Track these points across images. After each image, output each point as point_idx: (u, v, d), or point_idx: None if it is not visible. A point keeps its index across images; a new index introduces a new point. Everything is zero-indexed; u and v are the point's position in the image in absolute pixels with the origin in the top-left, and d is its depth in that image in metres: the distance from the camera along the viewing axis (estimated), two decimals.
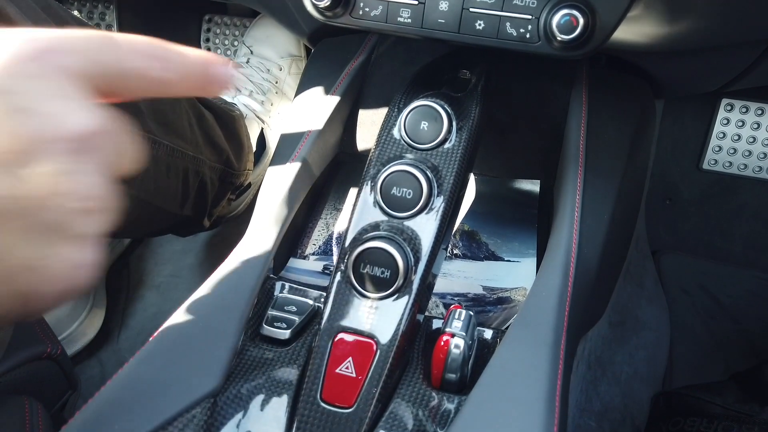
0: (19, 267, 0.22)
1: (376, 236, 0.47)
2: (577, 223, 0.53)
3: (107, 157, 0.24)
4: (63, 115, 0.22)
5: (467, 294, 0.59)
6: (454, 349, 0.44)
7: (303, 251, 0.63)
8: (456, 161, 0.50)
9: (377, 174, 0.49)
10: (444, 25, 0.54)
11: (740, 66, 0.68)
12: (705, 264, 1.11)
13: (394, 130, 0.52)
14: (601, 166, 0.58)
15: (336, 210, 0.67)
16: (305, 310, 0.51)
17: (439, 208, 0.48)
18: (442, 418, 0.43)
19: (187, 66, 0.28)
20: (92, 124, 0.23)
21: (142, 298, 1.13)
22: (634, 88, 0.69)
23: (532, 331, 0.45)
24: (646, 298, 1.00)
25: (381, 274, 0.45)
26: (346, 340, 0.45)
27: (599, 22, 0.51)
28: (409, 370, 0.46)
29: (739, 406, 0.81)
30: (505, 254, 0.63)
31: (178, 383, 0.42)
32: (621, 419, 0.85)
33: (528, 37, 0.53)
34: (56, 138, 0.22)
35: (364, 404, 0.42)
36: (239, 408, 0.43)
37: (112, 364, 1.07)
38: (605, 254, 0.56)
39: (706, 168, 1.11)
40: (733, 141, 1.08)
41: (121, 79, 0.26)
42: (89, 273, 0.24)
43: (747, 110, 1.06)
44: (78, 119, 0.23)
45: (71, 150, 0.22)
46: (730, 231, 1.12)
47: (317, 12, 0.57)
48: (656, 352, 0.96)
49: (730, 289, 1.08)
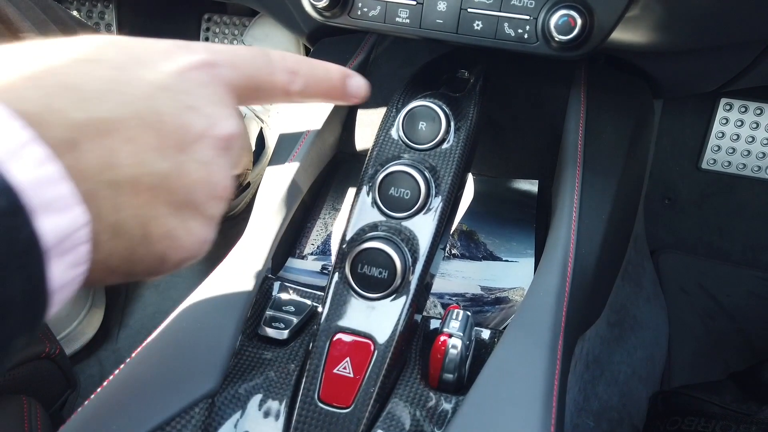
0: (162, 234, 0.26)
1: (374, 237, 0.47)
2: (575, 223, 0.53)
3: (236, 157, 0.29)
4: (219, 118, 0.27)
5: (465, 294, 0.60)
6: (451, 350, 0.44)
7: (301, 251, 0.64)
8: (454, 161, 0.50)
9: (375, 174, 0.49)
10: (442, 26, 0.54)
11: (739, 66, 0.69)
12: (704, 263, 1.12)
13: (393, 131, 0.52)
14: (600, 166, 0.58)
15: (334, 210, 0.67)
16: (303, 310, 0.51)
17: (437, 209, 0.48)
18: (439, 418, 0.43)
19: (330, 81, 0.34)
20: (236, 128, 0.28)
21: (141, 297, 1.13)
22: (633, 88, 0.69)
23: (529, 331, 0.45)
24: (644, 298, 1.00)
25: (379, 275, 0.45)
26: (344, 340, 0.45)
27: (597, 22, 0.51)
28: (406, 370, 0.46)
29: (737, 406, 0.81)
30: (503, 254, 0.63)
31: (177, 383, 0.42)
32: (619, 419, 0.85)
33: (526, 37, 0.53)
34: (212, 135, 0.27)
35: (361, 404, 0.43)
36: (237, 408, 0.43)
37: (111, 364, 1.07)
38: (603, 254, 0.56)
39: (705, 167, 1.11)
40: (731, 140, 1.08)
41: (265, 92, 0.31)
42: (207, 247, 0.29)
43: (746, 110, 1.06)
44: (229, 123, 0.28)
45: (219, 147, 0.27)
46: (729, 230, 1.13)
47: (315, 12, 0.57)
48: (655, 352, 0.96)
49: (729, 289, 1.09)
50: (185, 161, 0.26)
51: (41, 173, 0.21)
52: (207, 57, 0.28)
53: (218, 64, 0.28)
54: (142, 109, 0.25)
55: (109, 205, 0.24)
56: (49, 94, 0.22)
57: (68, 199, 0.22)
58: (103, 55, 0.25)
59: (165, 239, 0.26)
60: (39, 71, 0.23)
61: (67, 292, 0.23)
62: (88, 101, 0.23)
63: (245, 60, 0.30)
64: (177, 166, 0.26)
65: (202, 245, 0.28)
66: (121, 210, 0.24)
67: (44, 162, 0.21)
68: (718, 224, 1.13)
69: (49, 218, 0.21)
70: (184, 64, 0.27)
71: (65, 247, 0.22)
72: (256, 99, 0.31)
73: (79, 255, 0.23)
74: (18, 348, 0.22)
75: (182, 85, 0.26)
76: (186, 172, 0.26)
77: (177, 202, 0.26)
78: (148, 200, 0.25)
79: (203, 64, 0.28)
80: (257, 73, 0.30)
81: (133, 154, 0.24)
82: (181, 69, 0.27)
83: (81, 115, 0.23)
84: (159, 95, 0.25)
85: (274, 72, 0.31)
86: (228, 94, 0.29)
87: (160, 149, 0.25)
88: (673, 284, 1.08)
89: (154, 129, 0.25)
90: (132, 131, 0.24)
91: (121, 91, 0.24)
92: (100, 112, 0.23)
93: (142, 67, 0.26)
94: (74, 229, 0.22)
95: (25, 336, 0.22)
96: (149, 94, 0.25)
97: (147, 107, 0.25)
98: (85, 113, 0.23)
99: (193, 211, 0.27)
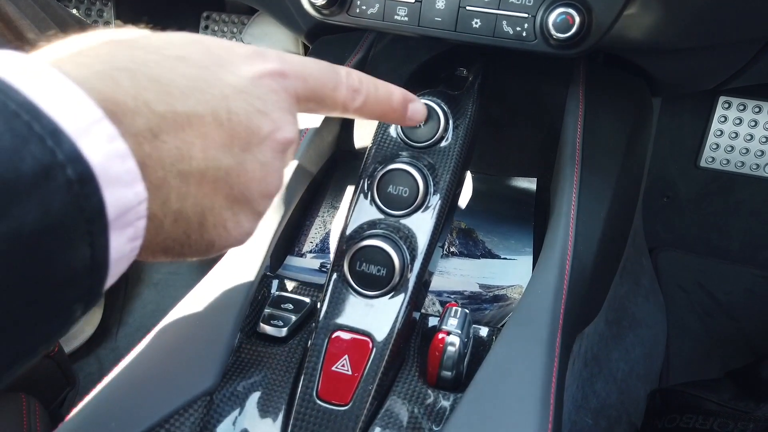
0: (216, 224, 0.28)
1: (373, 234, 0.47)
2: (573, 220, 0.53)
3: (289, 160, 0.32)
4: (283, 123, 0.29)
5: (464, 292, 0.60)
6: (449, 347, 0.44)
7: (300, 249, 0.64)
8: (452, 159, 0.50)
9: (373, 172, 0.49)
10: (441, 24, 0.54)
11: (737, 64, 0.69)
12: (702, 261, 1.12)
13: (391, 129, 0.52)
14: (598, 164, 0.58)
15: (333, 208, 0.67)
16: (302, 307, 0.51)
17: (435, 206, 0.48)
18: (437, 415, 0.43)
19: (391, 103, 0.37)
20: (295, 135, 0.31)
21: (140, 295, 1.13)
22: (632, 86, 0.69)
23: (527, 328, 0.45)
24: (642, 296, 1.00)
25: (377, 273, 0.45)
26: (343, 338, 0.45)
27: (595, 20, 0.51)
28: (405, 368, 0.47)
29: (735, 403, 0.81)
30: (501, 252, 0.63)
31: (175, 381, 0.42)
32: (617, 416, 0.85)
33: (524, 35, 0.53)
34: (274, 139, 0.29)
35: (359, 402, 0.43)
36: (236, 405, 0.43)
37: (111, 362, 1.07)
38: (601, 252, 0.56)
39: (704, 166, 1.11)
40: (730, 138, 1.08)
41: (326, 105, 0.33)
42: (249, 238, 0.31)
43: (744, 108, 1.06)
44: (290, 129, 0.30)
45: (278, 150, 0.30)
46: (727, 228, 1.13)
47: (314, 10, 0.57)
48: (653, 350, 0.96)
49: (727, 287, 1.09)
50: (247, 160, 0.28)
51: (112, 148, 0.22)
52: (280, 66, 0.30)
53: (289, 74, 0.30)
54: (218, 107, 0.26)
55: (176, 194, 0.26)
56: (139, 86, 0.24)
57: (134, 174, 0.23)
58: (189, 54, 0.27)
59: (217, 228, 0.28)
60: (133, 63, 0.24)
61: (123, 265, 0.25)
62: (172, 96, 0.25)
63: (313, 73, 0.32)
64: (240, 163, 0.28)
65: (247, 236, 0.31)
66: (185, 199, 0.26)
67: (114, 138, 0.22)
68: (716, 222, 1.13)
69: (116, 190, 0.22)
70: (260, 71, 0.29)
71: (127, 220, 0.23)
72: (317, 110, 0.34)
73: (138, 229, 0.24)
74: (77, 316, 0.23)
75: (256, 89, 0.28)
76: (246, 169, 0.28)
77: (233, 196, 0.28)
78: (209, 192, 0.27)
79: (276, 72, 0.30)
80: (322, 87, 0.32)
81: (204, 149, 0.26)
82: (256, 74, 0.29)
83: (164, 108, 0.25)
84: (235, 97, 0.27)
85: (338, 88, 0.33)
86: (293, 103, 0.31)
87: (227, 146, 0.27)
88: (671, 282, 1.08)
89: (226, 127, 0.27)
90: (206, 127, 0.26)
91: (201, 89, 0.26)
92: (182, 106, 0.25)
93: (222, 68, 0.28)
94: (136, 203, 0.23)
95: (84, 305, 0.23)
96: (226, 95, 0.27)
97: (223, 107, 0.27)
98: (168, 106, 0.25)
99: (245, 206, 0.29)
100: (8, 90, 0.20)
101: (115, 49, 0.25)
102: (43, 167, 0.19)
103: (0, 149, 0.19)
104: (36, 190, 0.19)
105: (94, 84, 0.23)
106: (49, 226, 0.20)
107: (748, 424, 0.76)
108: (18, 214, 0.19)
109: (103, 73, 0.23)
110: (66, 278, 0.21)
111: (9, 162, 0.19)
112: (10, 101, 0.20)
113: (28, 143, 0.19)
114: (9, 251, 0.19)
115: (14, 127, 0.19)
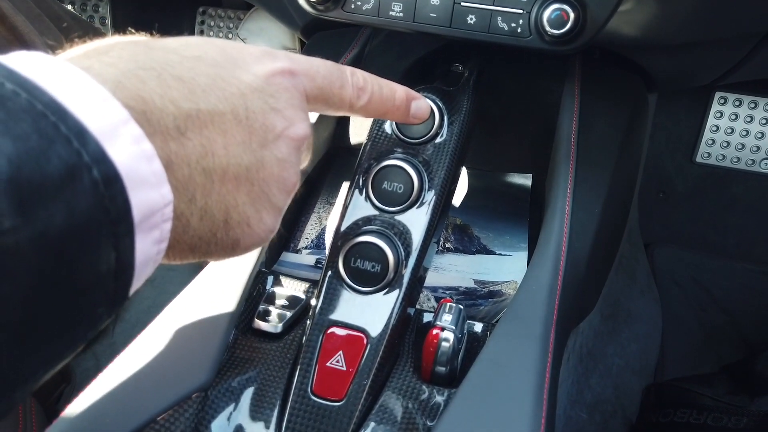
0: (240, 221, 0.29)
1: (367, 231, 0.47)
2: (568, 216, 0.54)
3: (304, 156, 0.32)
4: (296, 120, 0.30)
5: (459, 287, 0.60)
6: (443, 343, 0.44)
7: (296, 245, 0.64)
8: (447, 155, 0.50)
9: (368, 169, 0.49)
10: (436, 20, 0.54)
11: (733, 59, 0.69)
12: (698, 257, 1.12)
13: (386, 125, 0.52)
14: (593, 161, 0.59)
15: (329, 204, 0.67)
16: (297, 304, 0.51)
17: (430, 202, 0.48)
18: (431, 410, 0.43)
19: (394, 101, 0.38)
20: (308, 131, 0.31)
21: (137, 291, 1.13)
22: (627, 82, 0.69)
23: (521, 324, 0.45)
24: (638, 291, 1.00)
25: (371, 269, 0.46)
26: (337, 333, 0.45)
27: (590, 16, 0.51)
28: (399, 364, 0.47)
29: (730, 398, 0.82)
30: (496, 248, 0.63)
31: (170, 376, 0.42)
32: (612, 411, 0.85)
33: (519, 31, 0.53)
34: (289, 135, 0.30)
35: (354, 397, 0.43)
36: (230, 401, 0.43)
37: (107, 357, 1.06)
38: (596, 247, 0.56)
39: (700, 161, 1.11)
40: (726, 134, 1.09)
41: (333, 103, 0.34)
42: (272, 236, 0.31)
43: (740, 103, 1.07)
44: (303, 125, 0.31)
45: (293, 146, 0.30)
46: (723, 224, 1.13)
47: (309, 6, 0.57)
48: (648, 345, 0.96)
49: (723, 282, 1.09)
50: (265, 156, 0.29)
51: (138, 149, 0.22)
52: (289, 65, 0.30)
53: (298, 73, 0.31)
54: (237, 105, 0.27)
55: (201, 191, 0.26)
56: (165, 84, 0.25)
57: (160, 176, 0.23)
58: (206, 53, 0.28)
59: (241, 225, 0.29)
60: (156, 63, 0.25)
61: (149, 269, 0.25)
62: (195, 94, 0.26)
63: (320, 72, 0.32)
64: (258, 159, 0.28)
65: (270, 233, 0.31)
66: (209, 195, 0.27)
67: (141, 139, 0.22)
68: (712, 218, 1.13)
69: (142, 192, 0.22)
70: (272, 69, 0.29)
71: (153, 222, 0.23)
72: (324, 108, 0.34)
73: (164, 232, 0.24)
74: (102, 321, 0.23)
75: (269, 87, 0.29)
76: (264, 165, 0.29)
77: (254, 193, 0.29)
78: (232, 189, 0.28)
79: (286, 71, 0.30)
80: (329, 86, 0.33)
81: (225, 146, 0.27)
82: (269, 73, 0.29)
83: (190, 105, 0.25)
84: (251, 95, 0.28)
85: (344, 87, 0.34)
86: (303, 100, 0.31)
87: (246, 143, 0.28)
88: (666, 277, 1.08)
89: (245, 124, 0.27)
90: (227, 124, 0.27)
91: (221, 87, 0.27)
92: (205, 104, 0.26)
93: (238, 67, 0.28)
94: (162, 205, 0.23)
95: (109, 309, 0.23)
96: (243, 93, 0.28)
97: (241, 104, 0.27)
98: (193, 104, 0.25)
99: (266, 202, 0.30)
100: (35, 90, 0.20)
101: (136, 49, 0.25)
102: (68, 168, 0.19)
103: (28, 150, 0.18)
104: (62, 193, 0.19)
105: (123, 83, 0.23)
106: (74, 229, 0.19)
107: (742, 418, 0.77)
108: (44, 217, 0.18)
109: (129, 72, 0.24)
110: (91, 282, 0.21)
111: (36, 164, 0.18)
112: (37, 102, 0.19)
113: (55, 144, 0.19)
114: (36, 255, 0.18)
115: (41, 127, 0.19)
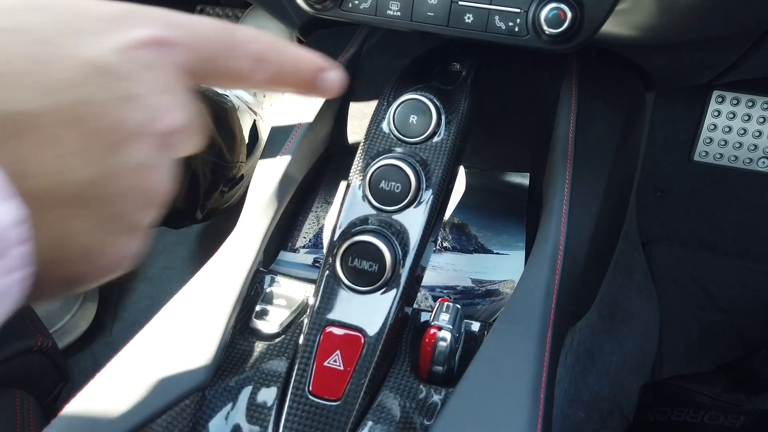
0: (80, 254, 0.21)
1: (365, 230, 0.47)
2: (566, 215, 0.54)
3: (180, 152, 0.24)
4: (165, 110, 0.22)
5: (456, 287, 0.60)
6: (440, 342, 0.44)
7: (293, 244, 0.64)
8: (445, 155, 0.50)
9: (366, 168, 0.49)
10: (433, 19, 0.54)
11: (731, 58, 0.69)
12: (695, 255, 1.12)
13: (383, 124, 0.52)
14: (590, 159, 0.59)
15: (327, 203, 0.67)
16: (294, 303, 0.51)
17: (428, 202, 0.48)
18: (429, 409, 0.43)
19: (299, 74, 0.28)
20: (184, 119, 0.23)
21: (135, 290, 1.13)
22: (625, 81, 0.69)
23: (518, 323, 0.45)
24: (635, 289, 1.00)
25: (369, 268, 0.46)
26: (335, 333, 0.45)
27: (587, 15, 0.51)
28: (396, 363, 0.47)
29: (727, 396, 0.82)
30: (494, 247, 0.63)
31: (168, 376, 0.42)
32: (610, 409, 0.86)
33: (516, 30, 0.53)
34: (152, 132, 0.22)
35: (352, 397, 0.43)
36: (228, 401, 0.43)
37: (105, 356, 1.07)
38: (593, 246, 0.56)
39: (697, 160, 1.11)
40: (723, 133, 1.09)
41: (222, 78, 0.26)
42: (134, 262, 0.24)
43: (738, 102, 1.07)
44: (176, 115, 0.23)
45: (159, 144, 0.22)
46: (721, 222, 1.13)
47: (306, 4, 0.56)
48: (645, 343, 0.97)
49: (720, 280, 1.09)
50: (115, 166, 0.21)
51: None
52: (159, 33, 0.22)
53: (171, 43, 0.23)
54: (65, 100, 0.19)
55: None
56: None
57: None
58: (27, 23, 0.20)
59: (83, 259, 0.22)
60: None
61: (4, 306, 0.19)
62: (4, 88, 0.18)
63: (204, 39, 0.24)
64: (104, 172, 0.21)
65: (130, 260, 0.24)
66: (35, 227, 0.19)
67: None
68: (709, 216, 1.14)
69: None
70: (130, 40, 0.21)
71: None
72: (212, 83, 0.27)
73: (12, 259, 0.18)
74: None
75: (123, 66, 0.21)
76: (115, 179, 0.21)
77: (101, 215, 0.21)
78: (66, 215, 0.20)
79: (153, 41, 0.22)
80: (215, 56, 0.25)
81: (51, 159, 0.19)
82: (126, 45, 0.21)
83: None
84: (90, 81, 0.20)
85: (235, 57, 0.25)
86: (178, 79, 0.23)
87: (84, 152, 0.20)
88: (664, 276, 1.09)
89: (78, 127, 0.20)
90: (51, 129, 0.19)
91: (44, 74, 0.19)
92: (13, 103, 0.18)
93: (75, 39, 0.20)
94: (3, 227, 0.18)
95: None
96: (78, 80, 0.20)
97: (72, 98, 0.20)
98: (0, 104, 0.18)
99: (119, 225, 0.22)
100: None
101: None
102: None
103: None
104: None
105: None
106: None
107: (739, 416, 0.77)
108: None
109: None
110: None
111: None
112: None
113: None
114: None
115: None
